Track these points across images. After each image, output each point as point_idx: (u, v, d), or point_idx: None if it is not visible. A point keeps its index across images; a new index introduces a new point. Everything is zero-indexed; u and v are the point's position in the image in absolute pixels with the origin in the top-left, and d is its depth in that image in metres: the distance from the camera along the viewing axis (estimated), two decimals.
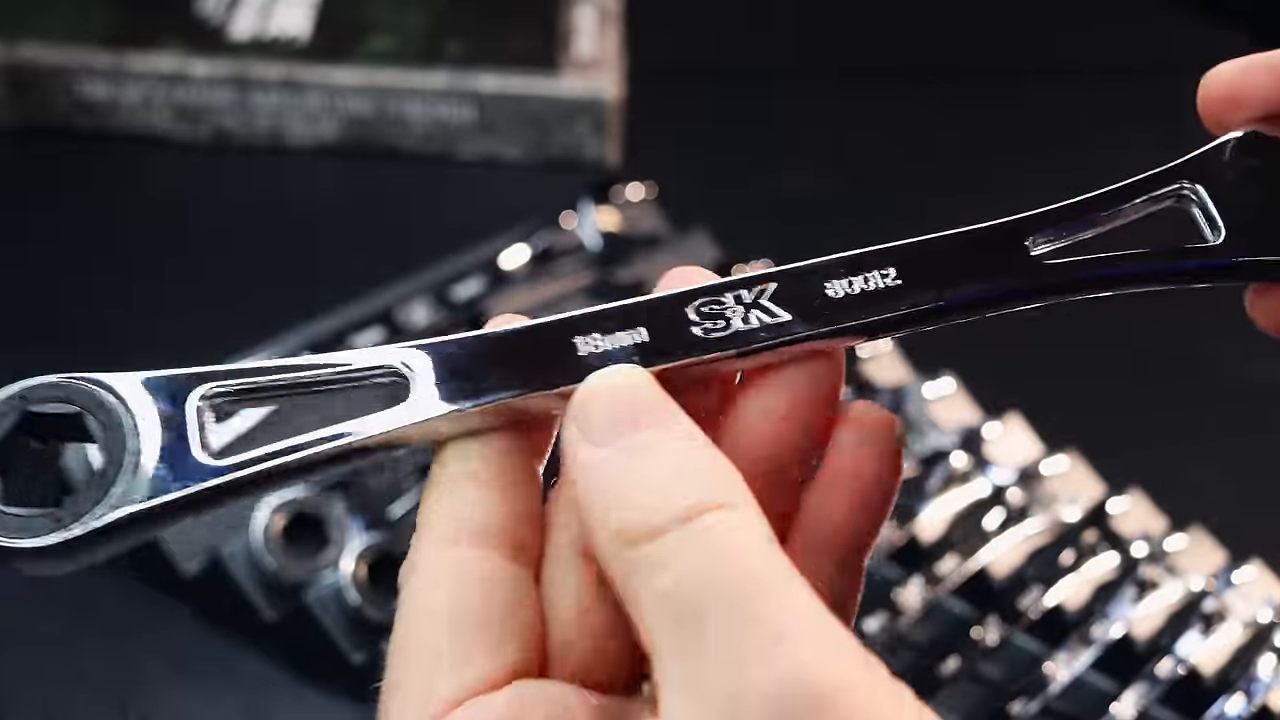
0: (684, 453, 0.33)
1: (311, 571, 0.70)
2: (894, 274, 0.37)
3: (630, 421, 0.33)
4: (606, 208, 0.90)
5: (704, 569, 0.30)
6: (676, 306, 0.36)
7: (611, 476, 0.33)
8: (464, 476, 0.36)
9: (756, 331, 0.36)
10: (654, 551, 0.31)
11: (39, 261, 0.92)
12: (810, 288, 0.37)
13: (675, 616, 0.30)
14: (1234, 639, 0.71)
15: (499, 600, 0.34)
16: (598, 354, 0.36)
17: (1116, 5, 1.24)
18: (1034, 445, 0.79)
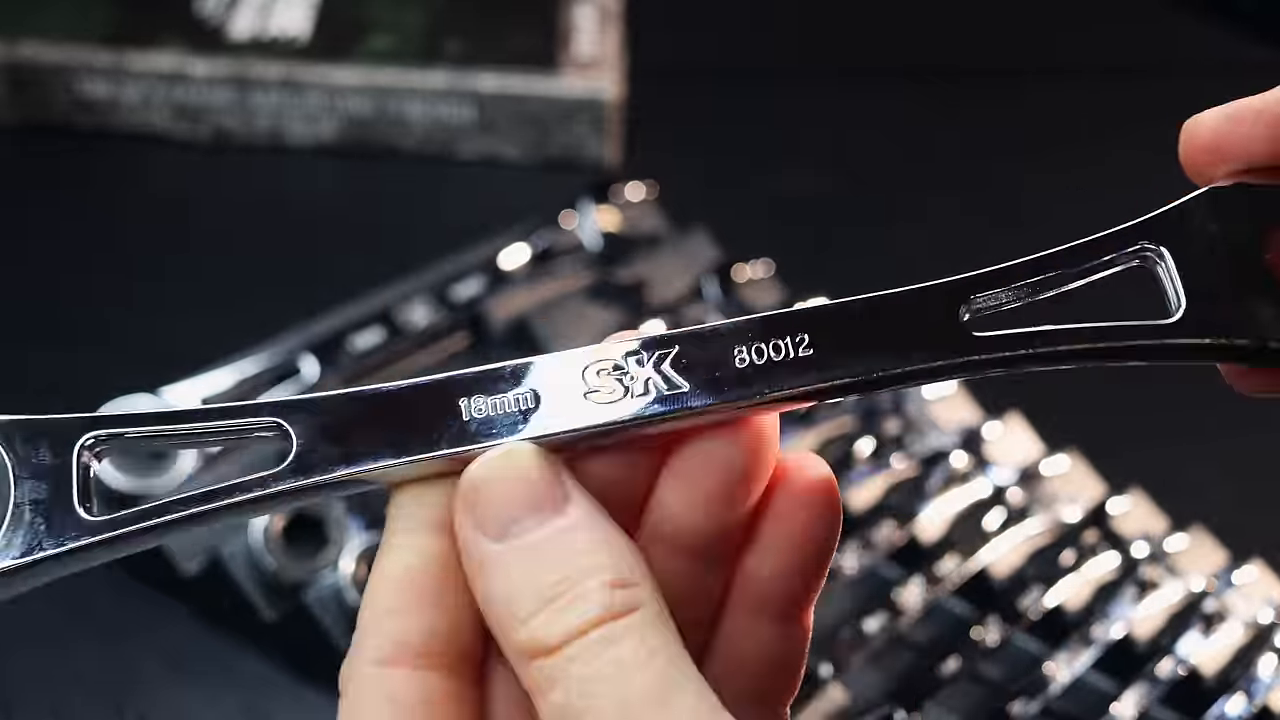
0: (579, 546, 0.32)
1: (311, 571, 0.70)
2: (807, 341, 0.34)
3: (520, 512, 0.32)
4: (606, 207, 0.89)
5: (590, 690, 0.30)
6: (570, 370, 0.34)
7: (505, 582, 0.32)
8: (404, 585, 0.34)
9: (651, 403, 0.34)
10: (548, 668, 0.31)
11: (39, 260, 0.92)
12: (715, 355, 0.34)
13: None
14: (1235, 639, 0.71)
15: (443, 713, 0.33)
16: (481, 419, 0.34)
17: (1117, 5, 1.24)
18: (1034, 445, 0.79)
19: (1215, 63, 1.16)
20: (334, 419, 0.34)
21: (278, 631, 0.71)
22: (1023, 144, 1.09)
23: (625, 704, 0.30)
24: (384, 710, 0.33)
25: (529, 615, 0.31)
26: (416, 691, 0.33)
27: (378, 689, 0.33)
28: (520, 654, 0.32)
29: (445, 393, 0.34)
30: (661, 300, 0.85)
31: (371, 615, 0.34)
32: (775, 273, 0.87)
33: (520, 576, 0.32)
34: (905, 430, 0.77)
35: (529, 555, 0.32)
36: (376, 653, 0.34)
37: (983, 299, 0.35)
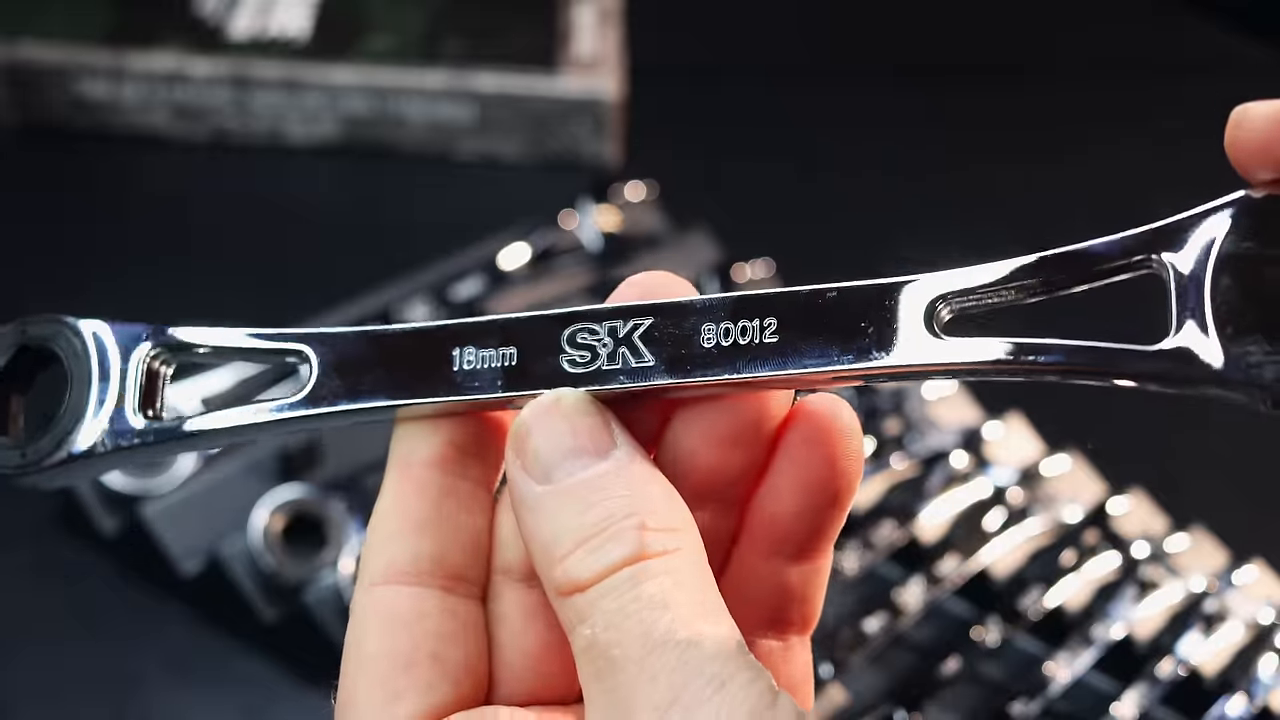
0: (620, 490, 0.32)
1: (311, 571, 0.70)
2: (775, 326, 0.34)
3: (567, 454, 0.33)
4: (606, 207, 0.89)
5: (616, 625, 0.31)
6: (552, 330, 0.35)
7: (548, 522, 0.33)
8: (399, 511, 0.36)
9: (616, 374, 0.34)
10: (580, 604, 0.32)
11: (38, 260, 0.92)
12: (684, 332, 0.34)
13: (593, 669, 0.31)
14: (1235, 639, 0.71)
15: (429, 638, 0.34)
16: (467, 370, 0.36)
17: (1117, 4, 1.23)
18: (1035, 445, 0.79)
19: (1214, 62, 1.16)
20: (347, 355, 0.37)
21: (278, 632, 0.71)
22: (1023, 143, 1.09)
23: (648, 639, 0.31)
24: (379, 623, 0.35)
25: (565, 554, 0.32)
26: (408, 605, 0.35)
27: (373, 606, 0.35)
28: (556, 591, 0.32)
29: (439, 340, 0.36)
30: None
31: (367, 546, 0.36)
32: (775, 272, 0.87)
33: (562, 517, 0.32)
34: (905, 430, 0.77)
35: (571, 497, 0.33)
36: (371, 574, 0.35)
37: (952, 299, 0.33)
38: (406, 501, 0.36)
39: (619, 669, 0.31)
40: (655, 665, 0.30)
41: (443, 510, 0.36)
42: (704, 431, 0.35)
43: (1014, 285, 0.33)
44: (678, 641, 0.30)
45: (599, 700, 0.31)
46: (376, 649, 0.34)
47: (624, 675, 0.30)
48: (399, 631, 0.34)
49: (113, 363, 0.38)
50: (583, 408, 0.34)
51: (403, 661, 0.34)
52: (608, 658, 0.31)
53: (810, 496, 0.35)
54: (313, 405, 0.37)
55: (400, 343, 0.37)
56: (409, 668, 0.34)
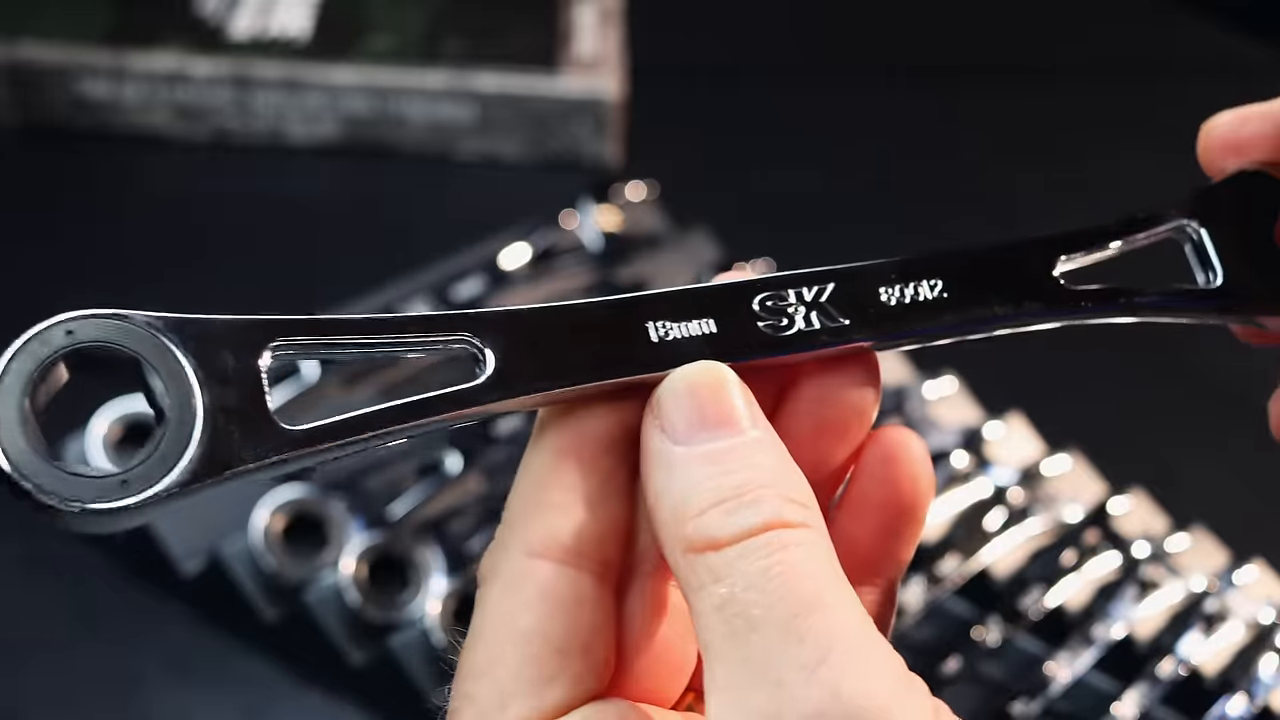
0: (758, 462, 0.33)
1: (311, 571, 0.70)
2: (940, 286, 0.37)
3: (710, 422, 0.33)
4: (607, 207, 0.89)
5: (759, 585, 0.31)
6: (743, 298, 0.36)
7: (684, 480, 0.33)
8: (562, 485, 0.34)
9: (819, 334, 0.36)
10: (715, 562, 0.31)
11: (38, 260, 0.92)
12: (865, 292, 0.37)
13: (728, 628, 0.31)
14: (1236, 639, 0.71)
15: (583, 627, 0.34)
16: (669, 343, 0.35)
17: (1117, 4, 1.23)
18: (1035, 445, 0.79)
19: (1214, 62, 1.16)
20: (529, 335, 0.35)
21: (278, 632, 0.71)
22: (1023, 143, 1.09)
23: (796, 600, 0.31)
24: (535, 600, 0.33)
25: (700, 511, 0.32)
26: (567, 587, 0.34)
27: (531, 577, 0.34)
28: (686, 548, 0.32)
29: (635, 314, 0.35)
30: None
31: (524, 508, 0.34)
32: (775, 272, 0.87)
33: (700, 476, 0.32)
34: None
35: (712, 459, 0.33)
36: (527, 544, 0.34)
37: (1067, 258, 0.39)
38: (574, 477, 0.34)
39: (759, 628, 0.30)
40: (802, 627, 0.30)
41: (608, 491, 0.35)
42: (812, 414, 0.36)
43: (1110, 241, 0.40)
44: (825, 604, 0.31)
45: (731, 658, 0.31)
46: (532, 626, 0.33)
47: (766, 634, 0.30)
48: (558, 614, 0.33)
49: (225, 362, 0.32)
50: (728, 380, 0.34)
51: (559, 644, 0.33)
52: (747, 617, 0.31)
53: (886, 514, 0.37)
54: (501, 391, 0.34)
55: (590, 319, 0.35)
56: (564, 653, 0.33)
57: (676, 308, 0.36)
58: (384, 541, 0.71)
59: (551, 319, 0.35)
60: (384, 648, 0.69)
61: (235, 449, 0.32)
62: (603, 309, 0.35)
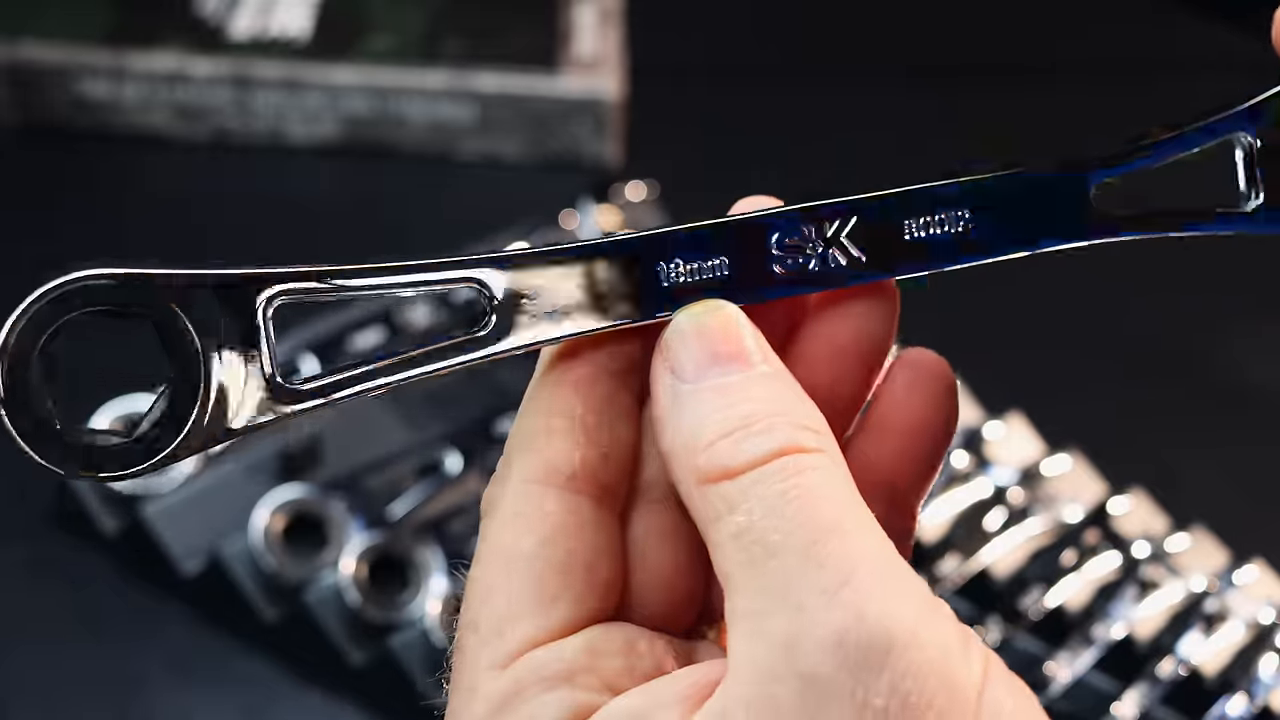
0: (768, 393, 0.33)
1: (311, 571, 0.70)
2: (968, 215, 0.36)
3: (718, 360, 0.33)
4: (607, 207, 0.89)
5: (776, 511, 0.31)
6: (759, 234, 0.36)
7: (693, 414, 0.32)
8: (560, 412, 0.34)
9: (834, 274, 0.35)
10: (730, 491, 0.31)
11: (38, 261, 0.92)
12: (889, 226, 0.36)
13: (746, 556, 0.31)
14: (1236, 639, 0.71)
15: (584, 548, 0.34)
16: (680, 285, 0.35)
17: (1117, 4, 1.23)
18: (1035, 445, 0.79)
19: (1214, 62, 1.16)
20: (535, 278, 0.34)
21: (278, 632, 0.71)
22: (1024, 143, 1.09)
23: (814, 525, 0.30)
24: (535, 524, 0.33)
25: (710, 442, 0.32)
26: (567, 511, 0.34)
27: (531, 503, 0.34)
28: (699, 479, 0.32)
29: (645, 255, 0.35)
30: None
31: (523, 437, 0.34)
32: None
33: (710, 409, 0.32)
34: None
35: (722, 392, 0.32)
36: (527, 471, 0.34)
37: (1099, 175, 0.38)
38: (575, 400, 0.34)
39: (778, 554, 0.30)
40: (822, 551, 0.30)
41: (608, 417, 0.34)
42: (831, 342, 0.36)
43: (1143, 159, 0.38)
44: (845, 529, 0.30)
45: (750, 586, 0.30)
46: (533, 549, 0.33)
47: (785, 560, 0.30)
48: (558, 535, 0.33)
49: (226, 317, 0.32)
50: (736, 320, 0.34)
51: (560, 564, 0.33)
52: (765, 544, 0.30)
53: (910, 438, 0.36)
54: (504, 336, 0.34)
55: (600, 259, 0.34)
56: (565, 573, 0.33)
57: (688, 247, 0.36)
58: (384, 541, 0.71)
59: (559, 260, 0.34)
60: (384, 648, 0.69)
61: (240, 409, 0.32)
62: (614, 249, 0.35)
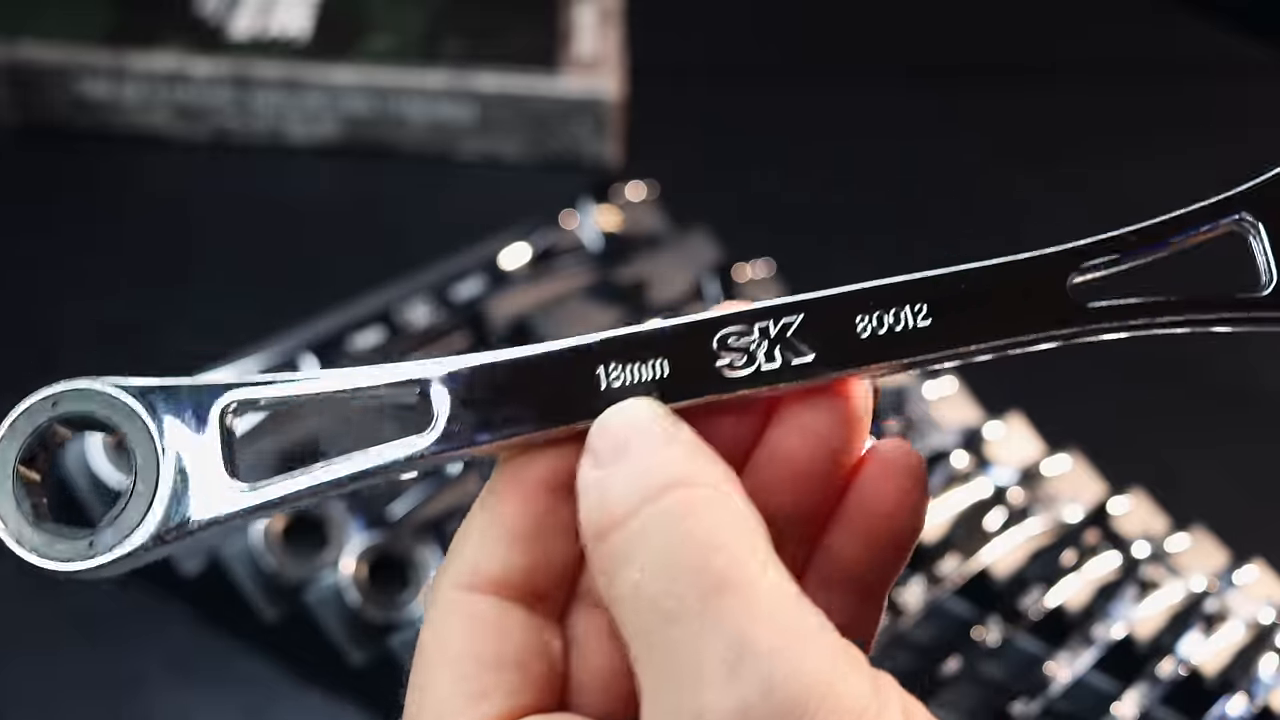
0: (661, 444, 0.33)
1: (311, 571, 0.70)
2: (925, 311, 0.35)
3: (628, 442, 0.33)
4: (607, 207, 0.89)
5: (667, 568, 0.30)
6: (702, 336, 0.35)
7: (597, 485, 0.32)
8: (499, 521, 0.35)
9: (780, 372, 0.35)
10: (621, 542, 0.31)
11: (38, 261, 0.92)
12: (839, 324, 0.35)
13: (640, 621, 0.30)
14: (1236, 639, 0.71)
15: (513, 647, 0.34)
16: (617, 389, 0.35)
17: (1117, 4, 1.23)
18: (1035, 445, 0.79)
19: (1214, 62, 1.16)
20: (478, 388, 0.35)
21: (278, 632, 0.71)
22: (1024, 144, 1.09)
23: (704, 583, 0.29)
24: (466, 623, 0.34)
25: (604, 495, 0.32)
26: (494, 614, 0.34)
27: (460, 607, 0.34)
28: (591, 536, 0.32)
29: (584, 361, 0.35)
30: (662, 300, 0.85)
31: (457, 546, 0.35)
32: (775, 272, 0.87)
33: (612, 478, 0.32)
34: (906, 430, 0.77)
35: (626, 463, 0.32)
36: (457, 577, 0.35)
37: (1088, 268, 0.36)
38: (509, 512, 0.35)
39: (674, 620, 0.29)
40: (719, 611, 0.29)
41: (543, 529, 0.35)
42: (789, 459, 0.35)
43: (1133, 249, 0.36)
44: (743, 580, 0.29)
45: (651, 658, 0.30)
46: (462, 649, 0.34)
47: (682, 626, 0.29)
48: (486, 635, 0.34)
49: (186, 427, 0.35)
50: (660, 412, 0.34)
51: (489, 663, 0.34)
52: (659, 610, 0.30)
53: (878, 536, 0.36)
54: (449, 444, 0.35)
55: (540, 367, 0.35)
56: (496, 669, 0.34)
57: (628, 351, 0.35)
58: (384, 541, 0.71)
59: (501, 370, 0.35)
60: (384, 648, 0.69)
61: (190, 512, 0.34)
62: (553, 358, 0.35)
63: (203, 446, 0.35)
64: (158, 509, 0.34)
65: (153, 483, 0.34)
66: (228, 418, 0.35)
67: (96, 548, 0.34)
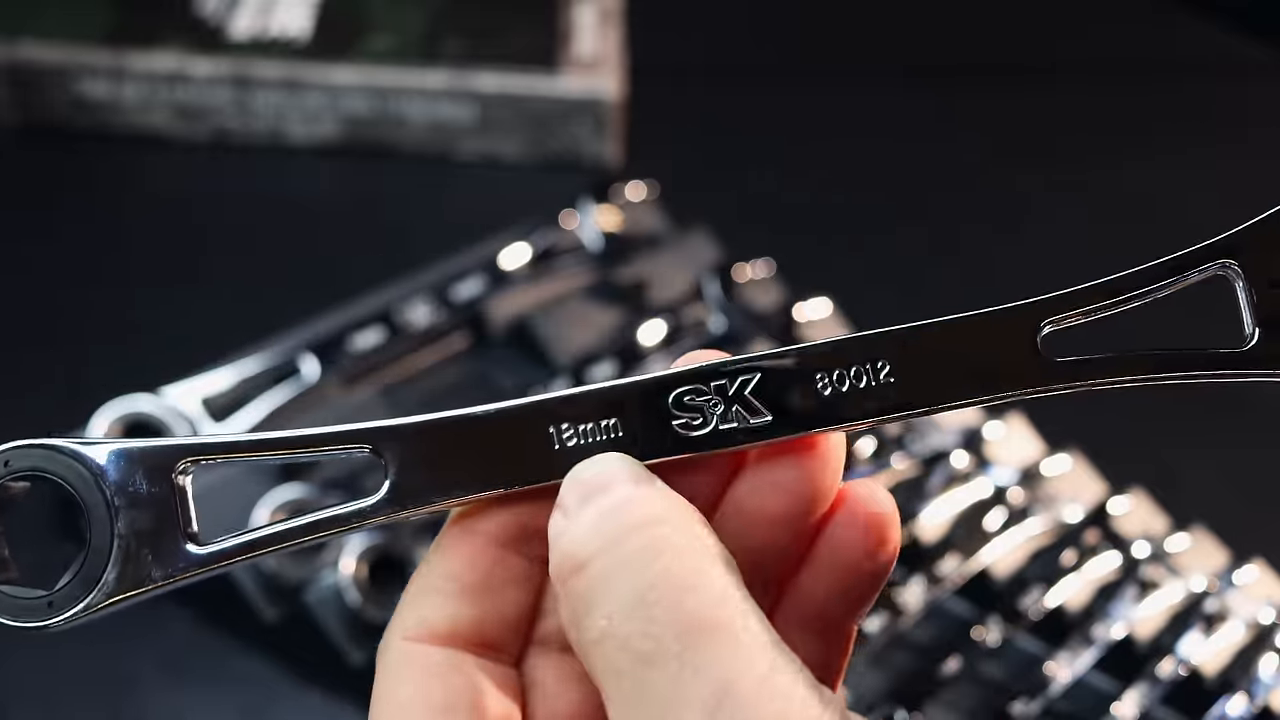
0: (631, 485, 0.33)
1: (311, 571, 0.70)
2: (888, 369, 0.34)
3: (596, 492, 0.33)
4: (607, 207, 0.89)
5: (642, 597, 0.30)
6: (656, 396, 0.34)
7: (568, 536, 0.32)
8: (445, 573, 0.35)
9: (735, 433, 0.34)
10: (586, 586, 0.31)
11: (38, 261, 0.92)
12: (798, 382, 0.34)
13: (612, 663, 0.30)
14: (1235, 639, 0.71)
15: (466, 690, 0.34)
16: (572, 447, 0.34)
17: (1117, 5, 1.23)
18: (1035, 445, 0.79)
19: (1214, 62, 1.16)
20: (428, 448, 0.35)
21: (278, 632, 0.71)
22: (1024, 144, 1.09)
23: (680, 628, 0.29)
24: (414, 672, 0.34)
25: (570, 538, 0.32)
26: (444, 664, 0.35)
27: (411, 657, 0.35)
28: (558, 578, 0.32)
29: (536, 420, 0.35)
30: (662, 300, 0.85)
31: (407, 597, 0.36)
32: (775, 272, 0.87)
33: (580, 526, 0.32)
34: (906, 430, 0.77)
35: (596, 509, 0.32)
36: (404, 630, 0.35)
37: (1057, 320, 0.35)
38: (456, 565, 0.35)
39: (650, 662, 0.29)
40: (696, 657, 0.29)
41: (491, 582, 0.35)
42: (757, 511, 0.35)
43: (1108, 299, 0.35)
44: (718, 623, 0.29)
45: (623, 699, 0.30)
46: (411, 696, 0.34)
47: (658, 669, 0.29)
48: (434, 681, 0.34)
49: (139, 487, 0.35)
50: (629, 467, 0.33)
51: (439, 707, 0.34)
52: (634, 651, 0.29)
53: (848, 579, 0.35)
54: (397, 506, 0.35)
55: (491, 426, 0.35)
56: (447, 714, 0.34)
57: (581, 410, 0.35)
58: (384, 541, 0.71)
59: (451, 430, 0.35)
60: None
61: (147, 570, 0.35)
62: (504, 418, 0.35)
63: (156, 505, 0.35)
64: (113, 569, 0.35)
65: (108, 541, 0.35)
66: (179, 478, 0.35)
67: (55, 607, 0.35)
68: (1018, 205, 1.03)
